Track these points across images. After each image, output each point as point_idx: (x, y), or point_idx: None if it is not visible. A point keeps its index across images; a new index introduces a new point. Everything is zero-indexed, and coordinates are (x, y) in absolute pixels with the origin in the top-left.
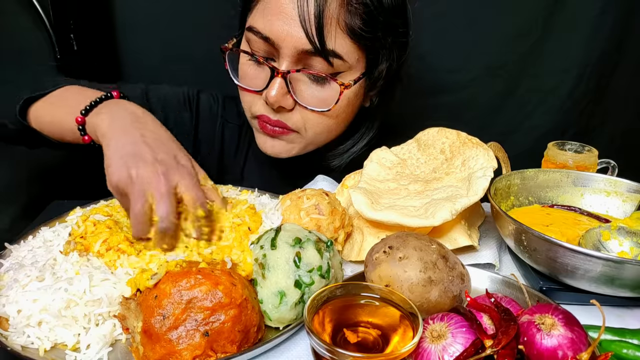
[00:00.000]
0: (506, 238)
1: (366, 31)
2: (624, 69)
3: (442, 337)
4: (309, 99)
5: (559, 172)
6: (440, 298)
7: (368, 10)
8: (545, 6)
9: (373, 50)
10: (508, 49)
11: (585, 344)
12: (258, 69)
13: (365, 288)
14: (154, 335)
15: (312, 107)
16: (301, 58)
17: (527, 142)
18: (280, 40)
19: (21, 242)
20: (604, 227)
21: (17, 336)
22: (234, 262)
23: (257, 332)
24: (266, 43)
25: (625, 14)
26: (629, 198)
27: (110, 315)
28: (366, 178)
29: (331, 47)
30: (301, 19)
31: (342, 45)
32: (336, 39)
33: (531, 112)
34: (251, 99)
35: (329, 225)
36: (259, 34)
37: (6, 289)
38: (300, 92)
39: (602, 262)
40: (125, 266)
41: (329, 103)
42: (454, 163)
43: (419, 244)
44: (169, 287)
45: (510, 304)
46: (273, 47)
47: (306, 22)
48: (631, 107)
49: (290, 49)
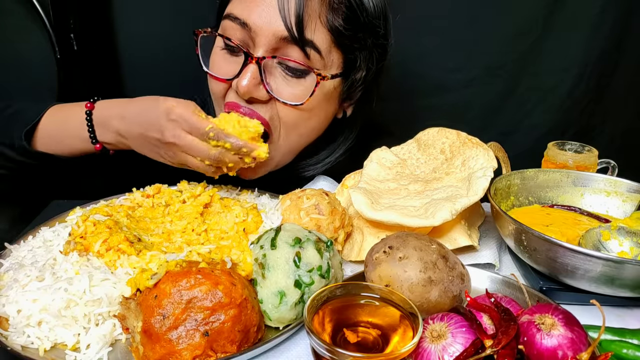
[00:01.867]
0: (506, 238)
1: (347, 29)
2: (624, 69)
3: (442, 337)
4: (282, 92)
5: (559, 172)
6: (440, 298)
7: (350, 8)
8: (545, 5)
9: (352, 51)
10: (508, 48)
11: (585, 344)
12: (231, 59)
13: (365, 288)
14: (154, 335)
15: (284, 100)
16: (278, 47)
17: (527, 142)
18: (257, 26)
19: (21, 242)
20: (604, 227)
21: (17, 336)
22: (234, 262)
23: (257, 332)
24: (243, 30)
25: (624, 13)
26: (629, 198)
27: (110, 315)
28: (366, 178)
29: (310, 38)
30: (280, 7)
31: (321, 39)
32: (315, 31)
33: (531, 111)
34: (221, 88)
35: (329, 225)
36: (237, 19)
37: (6, 289)
38: (274, 83)
39: (602, 262)
40: (125, 266)
41: (303, 97)
42: (454, 163)
43: (419, 244)
44: (169, 287)
45: (510, 304)
46: (250, 34)
47: (285, 11)
48: (631, 106)
49: (267, 36)
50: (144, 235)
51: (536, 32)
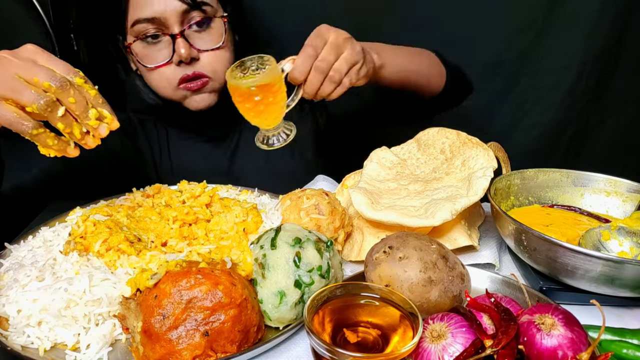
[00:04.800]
0: (506, 238)
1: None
2: (624, 67)
3: (442, 337)
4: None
5: (559, 172)
6: (440, 298)
7: None
8: (544, 3)
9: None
10: (507, 46)
11: (585, 344)
12: (155, 48)
13: (365, 288)
14: (154, 335)
15: (209, 47)
16: (183, 19)
17: (527, 141)
18: (162, 14)
19: (21, 242)
20: (604, 227)
21: (17, 336)
22: (234, 262)
23: (257, 332)
24: (153, 24)
25: (624, 10)
26: (629, 198)
27: (110, 315)
28: (366, 178)
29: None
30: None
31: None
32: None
33: (530, 110)
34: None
35: (329, 225)
36: (146, 19)
37: (6, 289)
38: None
39: (602, 262)
40: (125, 266)
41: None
42: (454, 163)
43: (419, 244)
44: (169, 287)
45: (510, 304)
46: (160, 23)
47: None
48: (631, 105)
49: (173, 15)
50: (144, 235)
51: (535, 30)
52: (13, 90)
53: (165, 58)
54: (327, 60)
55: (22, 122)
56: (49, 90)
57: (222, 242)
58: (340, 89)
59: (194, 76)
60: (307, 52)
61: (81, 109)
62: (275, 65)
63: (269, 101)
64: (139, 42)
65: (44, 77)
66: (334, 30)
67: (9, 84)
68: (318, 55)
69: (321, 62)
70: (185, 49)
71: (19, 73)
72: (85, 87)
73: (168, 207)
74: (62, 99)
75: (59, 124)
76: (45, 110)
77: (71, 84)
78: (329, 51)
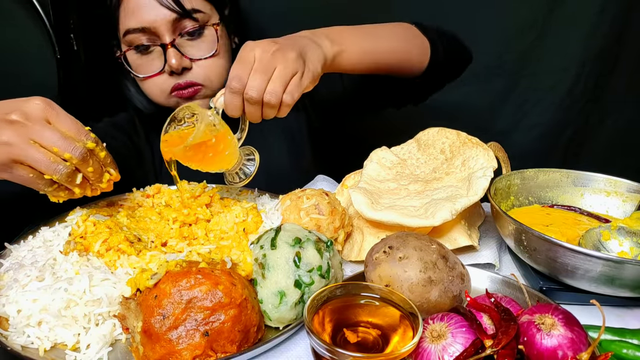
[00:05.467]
0: (506, 238)
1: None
2: (623, 67)
3: (442, 337)
4: (198, 52)
5: (559, 172)
6: (440, 298)
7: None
8: (544, 4)
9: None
10: (507, 48)
11: (585, 344)
12: (148, 58)
13: (365, 288)
14: (154, 335)
15: (202, 56)
16: (175, 27)
17: (527, 142)
18: (153, 23)
19: (21, 242)
20: (604, 227)
21: (17, 336)
22: (234, 262)
23: (257, 332)
24: (145, 33)
25: (623, 10)
26: (629, 198)
27: (110, 315)
28: (366, 178)
29: (190, 7)
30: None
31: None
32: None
33: (530, 111)
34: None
35: (329, 225)
36: (136, 29)
37: (6, 288)
38: (189, 51)
39: (602, 262)
40: (125, 266)
41: (213, 47)
42: (454, 163)
43: (419, 244)
44: (169, 287)
45: (510, 304)
46: (151, 32)
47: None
48: (630, 105)
49: (164, 24)
50: (144, 235)
51: (535, 31)
52: (31, 158)
53: (158, 68)
54: (256, 89)
55: (38, 183)
56: (69, 161)
57: (222, 242)
58: (285, 107)
59: (187, 85)
60: (231, 87)
61: (97, 176)
62: (205, 115)
63: (218, 149)
64: (132, 52)
65: (65, 148)
66: (258, 47)
67: (25, 150)
68: (245, 84)
69: (251, 91)
70: (176, 59)
71: (34, 138)
72: (97, 150)
73: (168, 207)
74: (82, 169)
75: (75, 189)
76: (66, 180)
77: (91, 153)
78: (255, 77)
